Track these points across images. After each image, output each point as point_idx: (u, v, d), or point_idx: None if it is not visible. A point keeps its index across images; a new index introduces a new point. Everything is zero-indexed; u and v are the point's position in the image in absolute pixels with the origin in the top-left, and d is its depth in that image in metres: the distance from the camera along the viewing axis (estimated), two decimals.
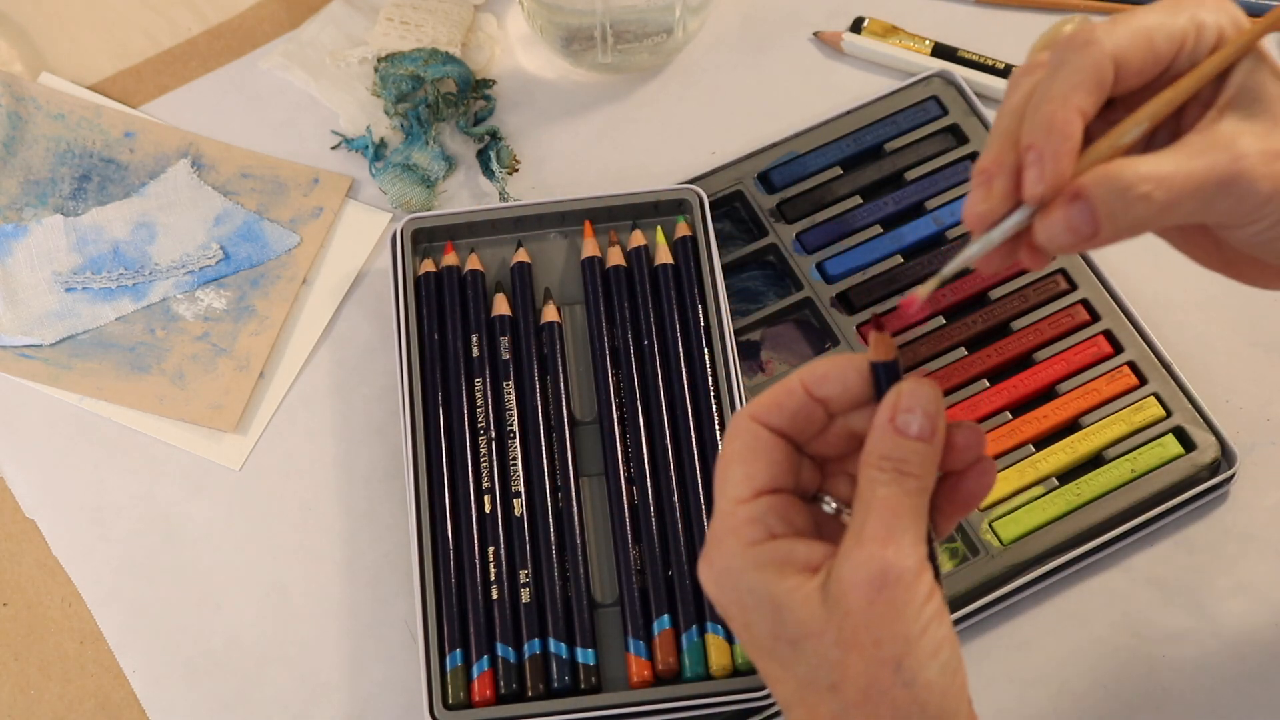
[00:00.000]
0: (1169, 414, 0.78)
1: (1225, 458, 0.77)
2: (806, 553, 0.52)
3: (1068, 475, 0.77)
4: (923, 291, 0.52)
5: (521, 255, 0.81)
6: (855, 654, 0.50)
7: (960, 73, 0.87)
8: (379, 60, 0.88)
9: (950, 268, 0.53)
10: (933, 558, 0.52)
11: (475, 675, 0.72)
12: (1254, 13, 0.90)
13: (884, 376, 0.53)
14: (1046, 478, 0.77)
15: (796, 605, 0.51)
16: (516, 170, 0.86)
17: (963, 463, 0.54)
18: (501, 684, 0.71)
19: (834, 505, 0.54)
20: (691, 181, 0.85)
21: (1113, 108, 0.53)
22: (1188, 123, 0.54)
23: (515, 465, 0.76)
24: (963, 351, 0.80)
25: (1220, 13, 0.53)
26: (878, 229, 0.83)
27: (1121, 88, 0.53)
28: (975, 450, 0.54)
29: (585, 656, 0.72)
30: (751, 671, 0.71)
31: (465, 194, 0.87)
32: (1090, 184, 0.51)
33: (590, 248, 0.81)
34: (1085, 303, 0.81)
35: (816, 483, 0.55)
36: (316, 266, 0.85)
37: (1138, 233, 0.52)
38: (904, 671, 0.50)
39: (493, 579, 0.73)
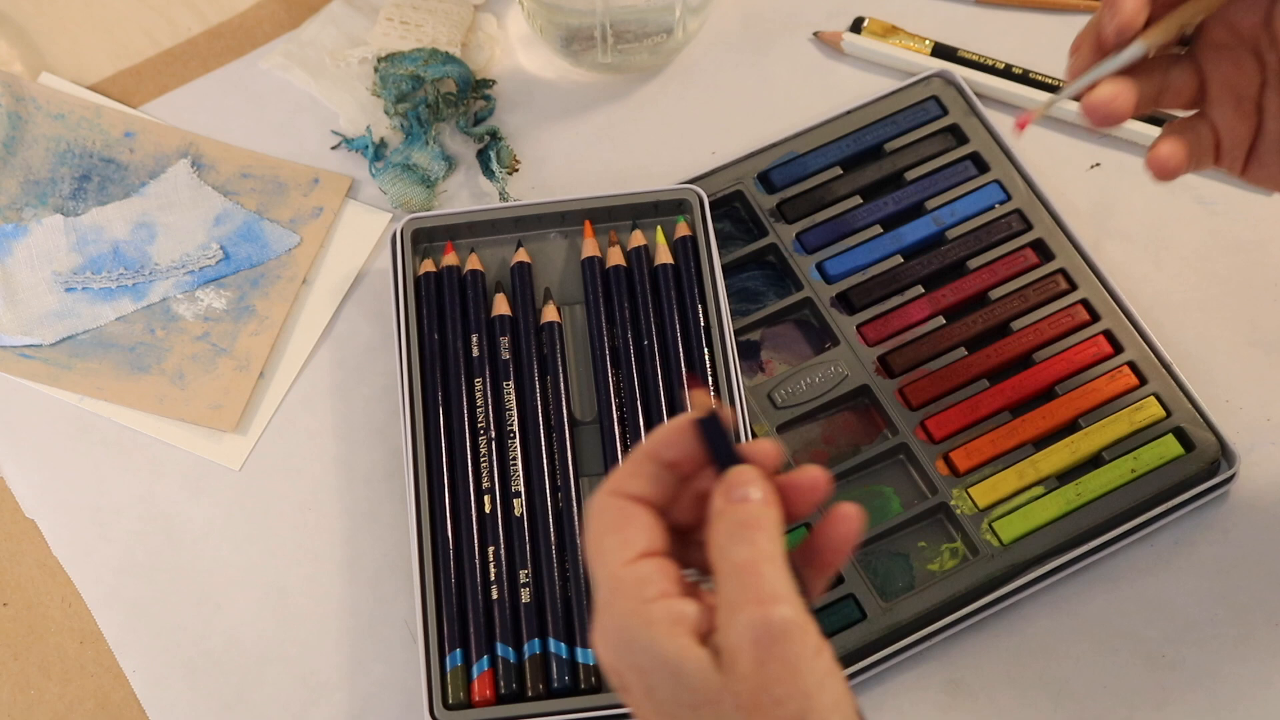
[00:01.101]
0: (1169, 414, 0.78)
1: (1225, 458, 0.77)
2: (696, 615, 0.50)
3: (1068, 475, 0.77)
4: (1038, 112, 0.64)
5: (521, 255, 0.81)
6: (757, 716, 0.48)
7: (960, 73, 0.87)
8: (379, 60, 0.88)
9: (1069, 90, 0.64)
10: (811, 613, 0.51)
11: (475, 675, 0.72)
12: None
13: (706, 432, 0.52)
14: (1046, 478, 0.77)
15: (693, 669, 0.49)
16: (516, 170, 0.86)
17: (810, 505, 0.52)
18: (501, 684, 0.71)
19: (695, 575, 0.53)
20: (691, 181, 0.85)
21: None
22: None
23: (515, 465, 0.76)
24: (963, 351, 0.80)
25: None
26: (878, 229, 0.83)
27: None
28: (817, 492, 0.52)
29: (585, 656, 0.72)
30: None
31: (465, 194, 0.87)
32: None
33: (590, 248, 0.81)
34: (1085, 303, 0.81)
35: (682, 555, 0.53)
36: (316, 266, 0.85)
37: None
38: None
39: (493, 579, 0.73)
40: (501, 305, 0.80)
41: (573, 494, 0.75)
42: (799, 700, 0.48)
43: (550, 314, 0.80)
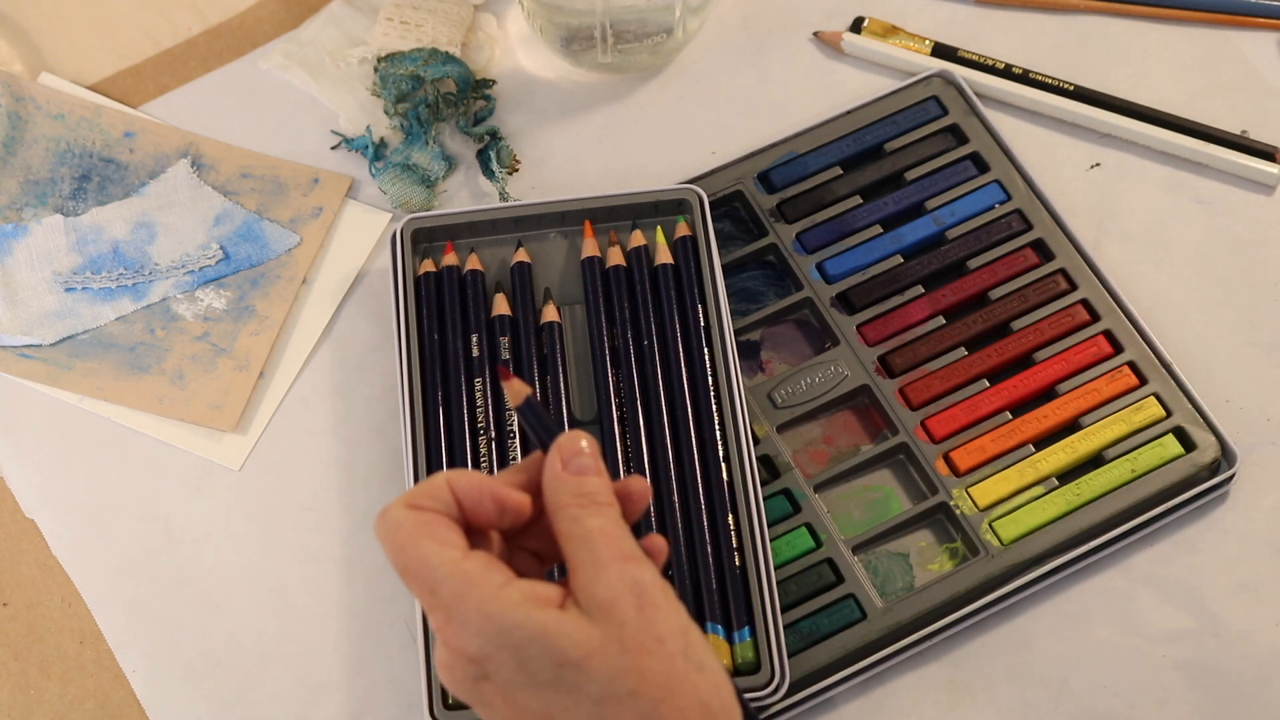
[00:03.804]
0: (1169, 414, 0.78)
1: (1225, 458, 0.77)
2: (546, 589, 0.53)
3: (1068, 475, 0.77)
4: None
5: (521, 255, 0.81)
6: (644, 656, 0.51)
7: (960, 73, 0.87)
8: (379, 60, 0.88)
9: None
10: None
11: None
12: (1255, 13, 0.90)
13: (529, 415, 0.56)
14: (1046, 478, 0.77)
15: (569, 629, 0.51)
16: (516, 170, 0.86)
17: (637, 511, 0.56)
18: None
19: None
20: (691, 181, 0.85)
21: None
22: None
23: None
24: (963, 351, 0.80)
25: None
26: (878, 229, 0.83)
27: None
28: (644, 500, 0.56)
29: None
30: (752, 670, 0.71)
31: (465, 194, 0.87)
32: None
33: (590, 248, 0.81)
34: (1085, 303, 0.81)
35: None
36: (316, 266, 0.85)
37: None
38: (692, 658, 0.52)
39: None
40: (501, 305, 0.80)
41: None
42: (679, 637, 0.52)
43: (550, 314, 0.80)
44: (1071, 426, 0.78)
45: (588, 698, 0.51)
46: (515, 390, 0.56)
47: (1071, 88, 0.88)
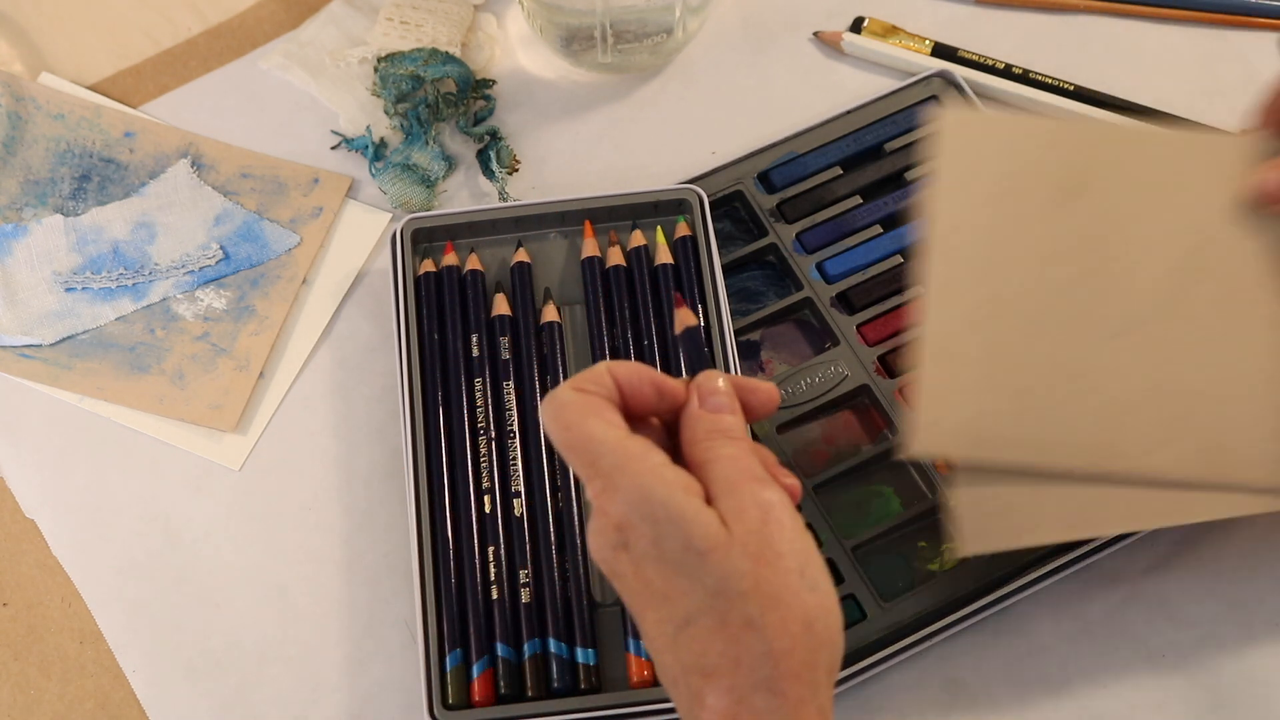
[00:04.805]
0: None
1: None
2: (698, 484, 0.57)
3: None
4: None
5: (521, 255, 0.82)
6: (763, 565, 0.55)
7: (960, 73, 0.87)
8: (379, 60, 0.88)
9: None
10: None
11: (475, 675, 0.72)
12: (1255, 13, 0.90)
13: (689, 341, 0.63)
14: None
15: (705, 521, 0.55)
16: (516, 170, 0.86)
17: (763, 412, 0.62)
18: (501, 684, 0.71)
19: None
20: (691, 181, 0.85)
21: None
22: None
23: (515, 465, 0.76)
24: None
25: None
26: (878, 229, 0.83)
27: None
28: (771, 403, 0.62)
29: (585, 656, 0.72)
30: None
31: (465, 194, 0.87)
32: None
33: (590, 248, 0.81)
34: None
35: None
36: (316, 266, 0.85)
37: None
38: (807, 578, 0.56)
39: (493, 579, 0.73)
40: (501, 305, 0.80)
41: (573, 494, 0.75)
42: (799, 556, 0.56)
43: (550, 314, 0.80)
44: None
45: (703, 587, 0.55)
46: (681, 317, 0.63)
47: (1071, 88, 0.88)
